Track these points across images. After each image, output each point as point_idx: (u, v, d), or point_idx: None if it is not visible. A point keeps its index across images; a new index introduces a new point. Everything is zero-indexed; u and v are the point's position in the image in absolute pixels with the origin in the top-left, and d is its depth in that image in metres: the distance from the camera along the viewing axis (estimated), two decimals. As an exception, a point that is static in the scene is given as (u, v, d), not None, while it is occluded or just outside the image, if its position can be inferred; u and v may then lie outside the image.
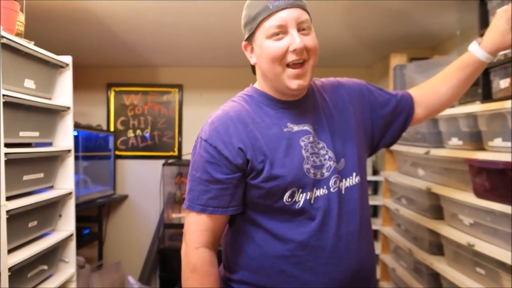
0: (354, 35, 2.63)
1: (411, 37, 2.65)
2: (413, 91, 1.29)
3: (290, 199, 1.01)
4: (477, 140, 1.56)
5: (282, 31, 0.99)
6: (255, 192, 1.04)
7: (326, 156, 1.05)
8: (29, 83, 1.70)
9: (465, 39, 2.05)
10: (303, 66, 1.01)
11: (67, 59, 1.94)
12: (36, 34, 2.07)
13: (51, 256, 1.85)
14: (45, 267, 1.79)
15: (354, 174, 1.08)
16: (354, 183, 1.08)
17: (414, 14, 2.21)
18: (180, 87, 3.75)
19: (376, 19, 2.31)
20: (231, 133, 1.02)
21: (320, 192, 1.03)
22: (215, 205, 1.03)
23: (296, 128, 1.06)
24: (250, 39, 1.06)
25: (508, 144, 1.34)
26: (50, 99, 1.90)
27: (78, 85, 2.35)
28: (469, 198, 1.55)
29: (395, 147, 2.43)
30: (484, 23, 1.49)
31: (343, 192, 1.06)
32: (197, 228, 1.05)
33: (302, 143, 1.04)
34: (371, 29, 2.49)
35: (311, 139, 1.05)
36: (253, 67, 1.14)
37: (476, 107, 1.50)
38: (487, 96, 1.48)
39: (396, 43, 2.77)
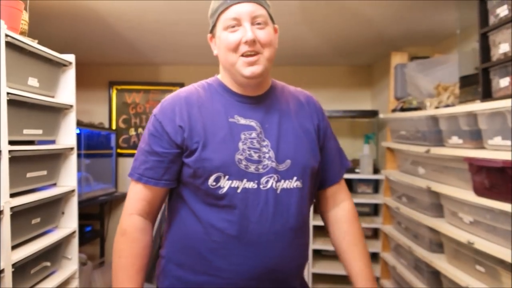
0: (354, 34, 2.63)
1: (411, 36, 2.65)
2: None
3: (215, 183, 1.05)
4: (477, 138, 1.57)
5: (237, 23, 1.06)
6: (186, 171, 1.08)
7: (267, 155, 1.08)
8: (32, 81, 1.71)
9: (465, 37, 2.06)
10: (256, 55, 1.07)
11: (70, 57, 1.95)
12: (40, 32, 2.08)
13: (53, 253, 1.86)
14: (48, 263, 1.81)
15: (294, 178, 1.10)
16: (292, 186, 1.10)
17: (415, 13, 2.21)
18: (181, 85, 3.76)
19: (376, 18, 2.31)
20: (175, 112, 1.08)
21: (250, 185, 1.06)
22: (149, 175, 1.09)
23: (242, 121, 1.10)
24: (212, 31, 1.14)
25: (508, 142, 1.35)
26: (53, 97, 1.91)
27: (81, 83, 2.36)
28: (469, 196, 1.56)
29: (395, 145, 2.44)
30: (483, 21, 1.50)
31: (278, 191, 1.08)
32: (133, 196, 1.11)
33: (242, 136, 1.08)
34: (372, 28, 2.49)
35: (253, 135, 1.09)
36: None
37: (476, 106, 1.50)
38: (487, 95, 1.49)
39: (396, 41, 2.77)
